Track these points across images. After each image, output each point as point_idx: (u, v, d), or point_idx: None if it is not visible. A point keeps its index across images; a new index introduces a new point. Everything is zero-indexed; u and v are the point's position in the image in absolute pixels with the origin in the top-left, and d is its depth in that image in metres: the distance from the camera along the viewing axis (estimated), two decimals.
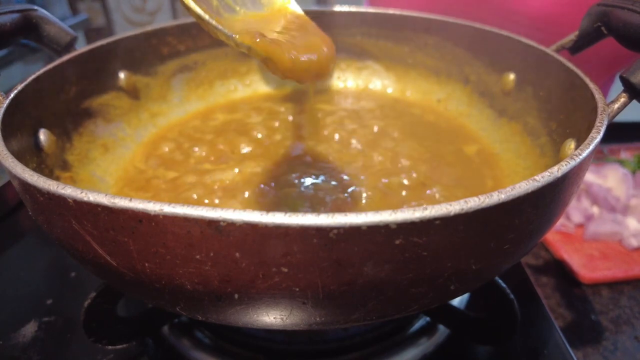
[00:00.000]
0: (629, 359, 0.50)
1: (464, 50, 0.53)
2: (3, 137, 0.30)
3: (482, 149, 0.49)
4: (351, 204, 0.41)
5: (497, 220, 0.23)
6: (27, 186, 0.24)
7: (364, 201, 0.41)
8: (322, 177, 0.44)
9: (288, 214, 0.20)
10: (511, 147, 0.47)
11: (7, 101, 0.33)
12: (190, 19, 0.55)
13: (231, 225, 0.20)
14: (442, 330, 0.41)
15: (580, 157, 0.26)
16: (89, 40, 1.60)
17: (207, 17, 0.31)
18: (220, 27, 0.31)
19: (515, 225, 0.24)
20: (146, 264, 0.23)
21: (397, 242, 0.21)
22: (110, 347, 0.39)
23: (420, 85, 0.59)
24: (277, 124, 0.54)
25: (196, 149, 0.49)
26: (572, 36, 0.42)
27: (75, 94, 0.44)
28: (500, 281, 0.41)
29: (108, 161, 0.46)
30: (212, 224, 0.20)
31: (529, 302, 0.44)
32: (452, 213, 0.21)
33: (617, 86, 0.34)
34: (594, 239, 0.65)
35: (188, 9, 0.31)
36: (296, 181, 0.43)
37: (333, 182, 0.43)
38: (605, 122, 0.30)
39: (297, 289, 0.23)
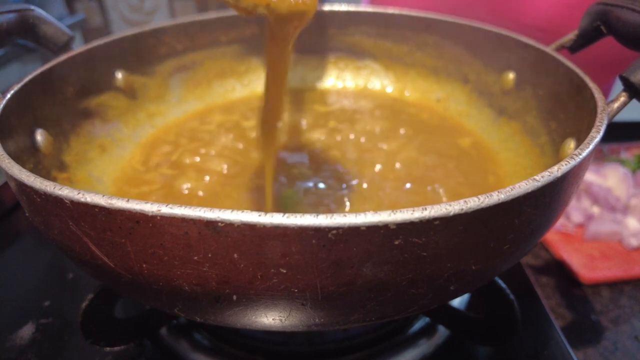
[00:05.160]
0: (629, 359, 0.50)
1: (463, 50, 0.53)
2: (0, 137, 0.29)
3: (481, 148, 0.49)
4: (351, 204, 0.40)
5: (496, 220, 0.23)
6: (23, 187, 0.24)
7: (363, 201, 0.41)
8: (320, 177, 0.44)
9: (286, 215, 0.20)
10: (511, 147, 0.47)
11: (4, 101, 0.33)
12: (189, 19, 0.55)
13: (229, 225, 0.20)
14: (442, 331, 0.41)
15: (580, 156, 0.25)
16: (86, 40, 1.60)
17: None
18: None
19: (515, 225, 0.24)
20: (144, 265, 0.23)
21: (397, 242, 0.21)
22: (108, 348, 0.39)
23: (420, 84, 0.59)
24: None
25: (194, 149, 0.49)
26: (571, 35, 0.42)
27: (72, 94, 0.44)
28: (500, 281, 0.41)
29: (105, 162, 0.46)
30: (210, 224, 0.20)
31: (529, 302, 0.44)
32: (451, 213, 0.21)
33: (619, 87, 0.34)
34: (594, 238, 0.65)
35: None
36: (295, 181, 0.43)
37: (332, 182, 0.43)
38: (605, 122, 0.30)
39: (296, 290, 0.22)
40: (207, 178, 0.44)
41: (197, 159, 0.47)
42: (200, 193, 0.42)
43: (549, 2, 0.64)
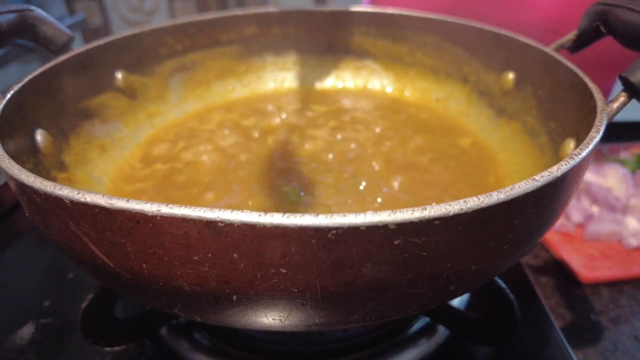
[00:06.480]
0: (628, 358, 0.50)
1: (463, 50, 0.53)
2: (0, 137, 0.29)
3: (481, 148, 0.49)
4: (350, 204, 0.40)
5: (496, 220, 0.23)
6: (23, 187, 0.24)
7: (363, 201, 0.41)
8: (320, 177, 0.44)
9: (286, 215, 0.20)
10: (511, 147, 0.47)
11: (4, 101, 0.33)
12: (189, 19, 0.55)
13: (229, 225, 0.20)
14: (442, 331, 0.41)
15: (580, 156, 0.25)
16: (86, 40, 1.60)
17: None
18: None
19: (514, 225, 0.24)
20: (144, 265, 0.23)
21: (396, 242, 0.21)
22: (108, 348, 0.39)
23: (419, 84, 0.59)
24: (274, 124, 0.54)
25: (191, 146, 0.49)
26: (571, 35, 0.42)
27: (72, 94, 0.44)
28: (500, 281, 0.41)
29: (105, 162, 0.46)
30: (210, 224, 0.20)
31: (528, 302, 0.44)
32: (451, 213, 0.21)
33: (619, 87, 0.34)
34: (594, 238, 0.65)
35: None
36: (294, 180, 0.43)
37: (331, 182, 0.43)
38: (605, 122, 0.30)
39: (296, 290, 0.22)
40: (204, 175, 0.44)
41: (195, 155, 0.47)
42: (196, 189, 0.42)
43: (549, 1, 0.64)
